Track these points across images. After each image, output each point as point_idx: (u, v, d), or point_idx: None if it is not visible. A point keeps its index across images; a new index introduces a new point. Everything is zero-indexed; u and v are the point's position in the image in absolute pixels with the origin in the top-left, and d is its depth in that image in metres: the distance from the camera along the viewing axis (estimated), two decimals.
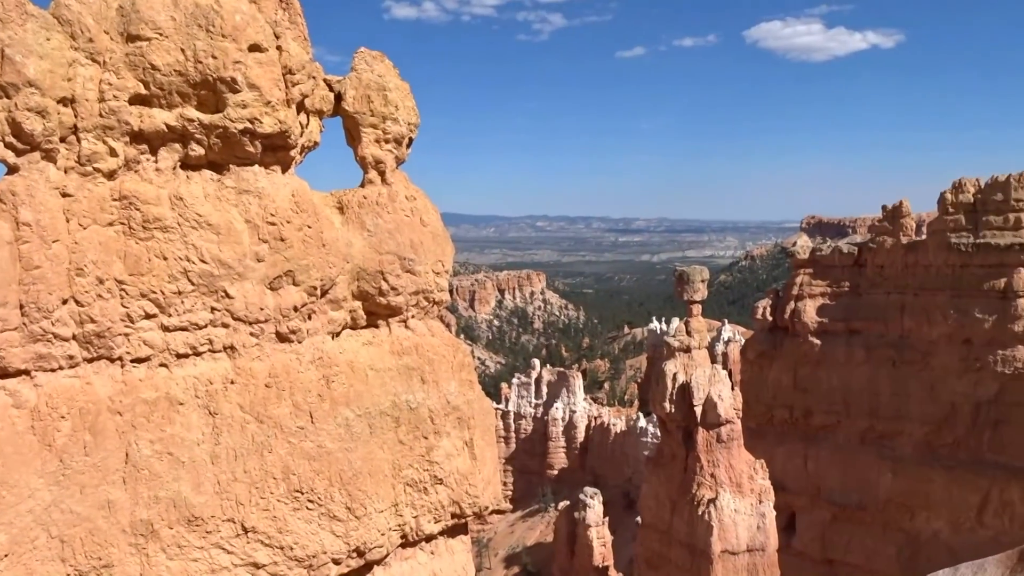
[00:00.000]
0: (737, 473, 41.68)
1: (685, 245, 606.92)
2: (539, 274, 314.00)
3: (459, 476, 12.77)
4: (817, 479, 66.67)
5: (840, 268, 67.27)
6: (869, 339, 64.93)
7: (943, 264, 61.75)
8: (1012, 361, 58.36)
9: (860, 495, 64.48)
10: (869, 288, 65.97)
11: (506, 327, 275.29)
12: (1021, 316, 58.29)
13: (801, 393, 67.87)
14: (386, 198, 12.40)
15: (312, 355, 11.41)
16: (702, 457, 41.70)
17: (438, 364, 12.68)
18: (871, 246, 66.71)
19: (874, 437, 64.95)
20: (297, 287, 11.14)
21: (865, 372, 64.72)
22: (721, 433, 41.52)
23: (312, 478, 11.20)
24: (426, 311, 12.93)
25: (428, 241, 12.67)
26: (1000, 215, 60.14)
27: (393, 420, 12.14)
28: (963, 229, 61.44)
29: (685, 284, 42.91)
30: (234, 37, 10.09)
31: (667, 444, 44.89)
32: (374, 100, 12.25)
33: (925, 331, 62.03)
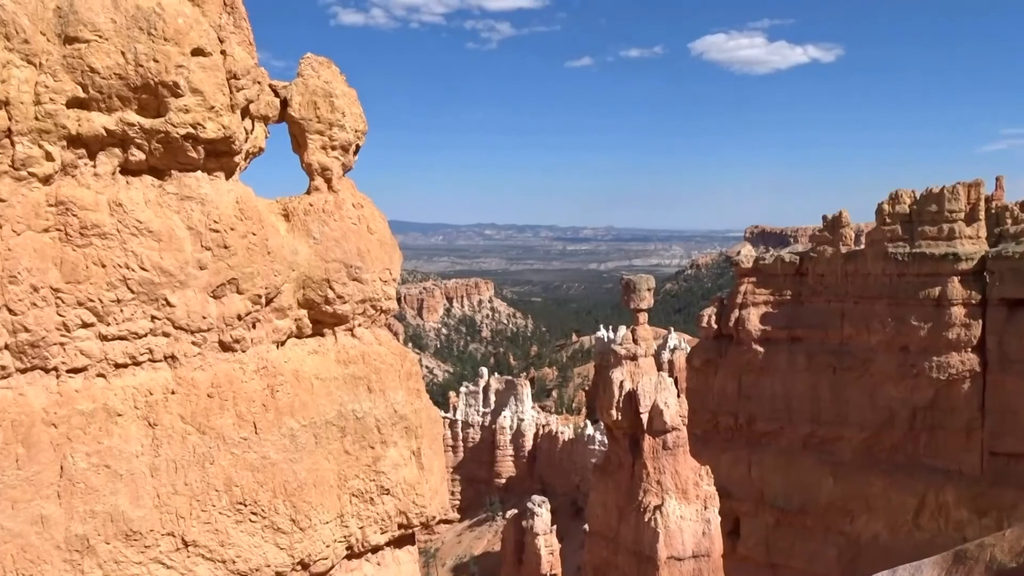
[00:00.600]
0: (683, 480, 42.15)
1: (632, 254, 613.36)
2: (487, 282, 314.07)
3: (406, 486, 12.67)
4: (761, 484, 67.82)
5: (782, 277, 68.72)
6: (811, 346, 66.40)
7: (881, 273, 63.50)
8: (946, 368, 60.20)
9: (802, 500, 65.77)
10: (810, 296, 67.51)
11: (454, 335, 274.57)
12: (955, 324, 60.19)
13: (745, 400, 69.06)
14: (333, 205, 12.28)
15: (256, 364, 11.21)
16: (648, 464, 42.08)
17: (385, 373, 12.58)
18: (812, 255, 68.32)
19: (815, 443, 66.36)
20: (241, 295, 10.95)
21: (807, 379, 66.14)
22: (667, 440, 41.96)
23: (256, 490, 10.99)
24: (373, 319, 12.83)
25: (375, 249, 12.58)
26: (935, 226, 62.09)
27: (339, 430, 12.00)
28: (900, 239, 63.28)
29: (632, 293, 43.35)
30: (176, 41, 9.90)
31: (614, 451, 45.20)
32: (320, 106, 12.14)
33: (864, 338, 63.67)
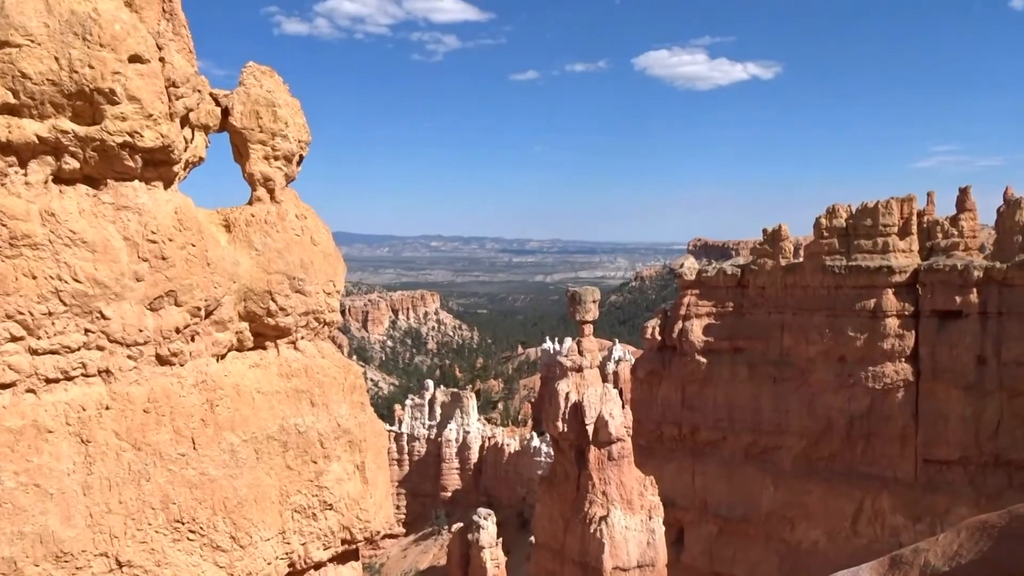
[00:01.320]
0: (628, 490, 42.43)
1: (578, 266, 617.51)
2: (433, 294, 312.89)
3: (350, 501, 12.49)
4: (704, 494, 68.71)
5: (724, 289, 69.95)
6: (752, 357, 67.65)
7: (819, 285, 65.09)
8: (882, 377, 61.90)
9: (744, 508, 66.82)
10: (751, 308, 68.83)
11: (400, 348, 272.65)
12: (889, 335, 61.95)
13: (689, 410, 69.98)
14: (275, 216, 12.10)
15: (195, 378, 10.95)
16: (594, 475, 42.27)
17: (328, 386, 12.41)
18: (753, 268, 69.72)
19: (757, 452, 67.53)
20: (179, 308, 10.69)
21: (748, 389, 67.34)
22: (612, 451, 42.22)
23: (194, 507, 10.72)
24: (316, 332, 12.65)
25: (319, 261, 12.43)
26: (870, 239, 63.91)
27: (281, 445, 11.78)
28: (837, 252, 64.97)
29: (577, 304, 43.61)
30: (113, 47, 9.67)
31: (560, 463, 45.31)
32: (263, 116, 11.96)
33: (803, 349, 65.12)
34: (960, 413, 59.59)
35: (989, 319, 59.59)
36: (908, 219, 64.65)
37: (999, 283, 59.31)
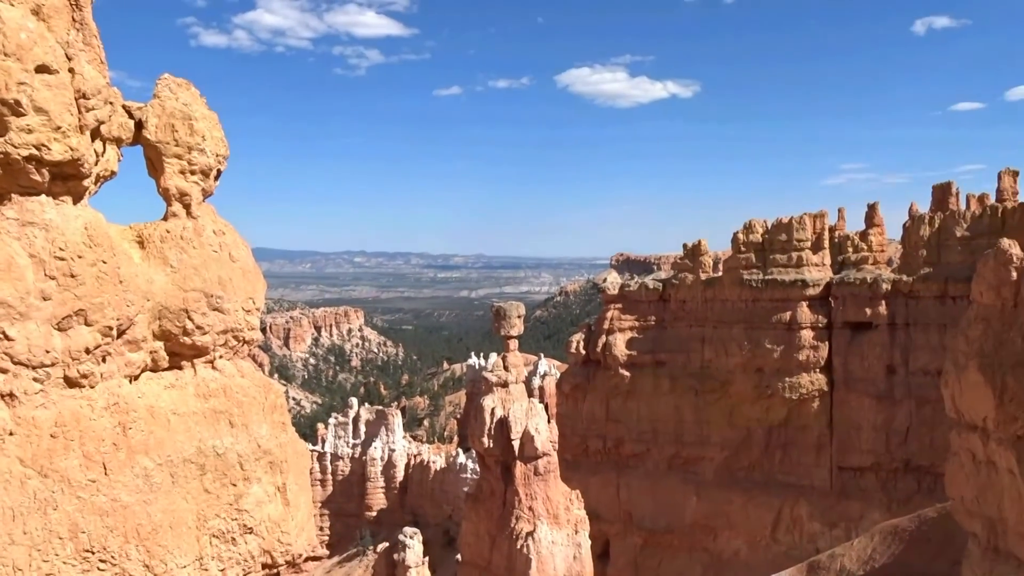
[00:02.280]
0: (554, 505, 42.54)
1: (502, 281, 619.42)
2: (357, 311, 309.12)
3: (271, 523, 12.18)
4: (629, 506, 69.44)
5: (647, 303, 71.13)
6: (674, 370, 68.88)
7: (737, 299, 66.81)
8: (798, 388, 63.79)
9: (668, 519, 67.76)
10: (673, 322, 70.14)
11: (323, 365, 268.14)
12: (804, 346, 63.95)
13: (613, 424, 70.73)
14: (192, 232, 11.77)
15: (106, 401, 10.53)
16: (520, 490, 42.26)
17: (248, 406, 12.09)
18: (674, 282, 71.13)
19: (680, 463, 68.66)
20: (89, 327, 10.28)
21: (671, 401, 68.48)
22: (538, 466, 42.30)
23: (105, 535, 10.27)
24: (235, 351, 12.33)
25: (238, 277, 12.13)
26: (785, 254, 65.97)
27: (198, 468, 11.42)
28: (754, 266, 66.84)
29: (502, 320, 43.65)
30: (19, 56, 9.28)
31: (486, 479, 45.14)
32: (179, 129, 11.65)
33: (723, 361, 66.64)
34: (872, 421, 61.84)
35: (897, 330, 62.13)
36: (820, 234, 67.04)
37: (906, 295, 61.93)
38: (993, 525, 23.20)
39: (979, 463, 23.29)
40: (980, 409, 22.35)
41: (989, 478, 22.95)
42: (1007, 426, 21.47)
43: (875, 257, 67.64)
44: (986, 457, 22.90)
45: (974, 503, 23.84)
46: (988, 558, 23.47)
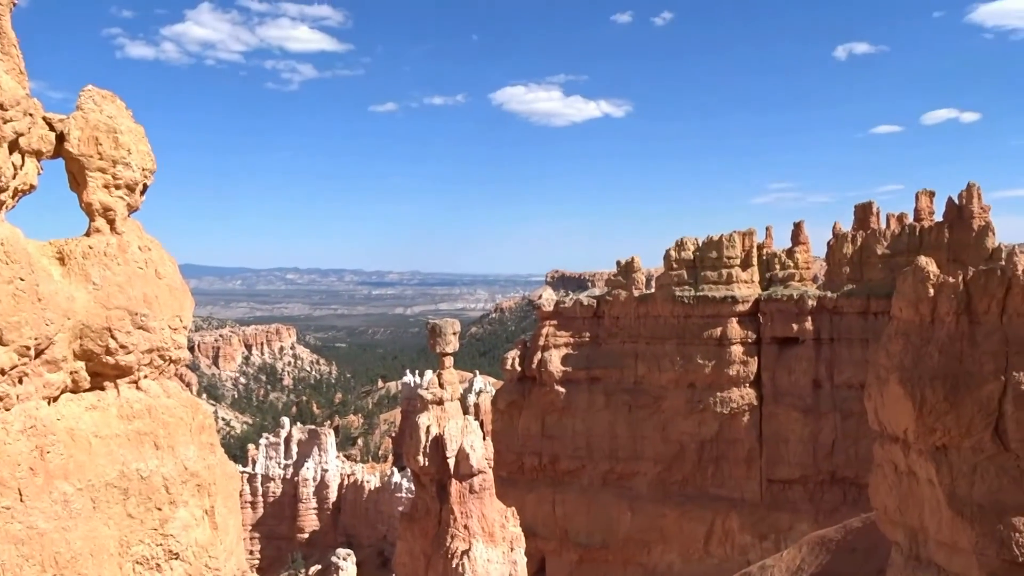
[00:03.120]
0: (490, 523, 42.34)
1: (438, 298, 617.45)
2: (289, 328, 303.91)
3: (198, 548, 11.80)
4: (565, 522, 69.58)
5: (581, 319, 71.72)
6: (608, 386, 69.50)
7: (670, 315, 67.89)
8: (728, 402, 65.04)
9: (603, 535, 68.12)
10: (607, 338, 70.86)
11: (254, 384, 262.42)
12: (734, 362, 65.29)
13: (549, 440, 70.92)
14: (116, 248, 11.41)
15: (23, 424, 10.09)
16: (455, 509, 41.96)
17: (174, 428, 11.73)
18: (608, 299, 71.94)
19: (614, 479, 69.18)
20: (5, 347, 9.85)
21: (605, 417, 69.04)
22: (474, 484, 42.09)
23: (20, 565, 9.81)
24: (161, 370, 11.97)
25: (164, 295, 11.79)
26: (715, 271, 67.39)
27: (121, 492, 11.01)
28: (686, 283, 68.09)
29: (437, 337, 43.44)
30: None
31: (421, 498, 44.71)
32: (103, 142, 11.30)
33: (656, 377, 67.54)
34: (799, 434, 63.39)
35: (823, 345, 63.95)
36: (749, 251, 68.73)
37: (830, 311, 63.84)
38: (915, 534, 23.95)
39: (901, 474, 24.05)
40: (901, 421, 23.10)
41: (910, 488, 23.70)
42: (926, 437, 22.23)
43: (801, 274, 69.60)
44: (907, 468, 23.66)
45: (896, 513, 24.57)
46: (910, 566, 24.19)
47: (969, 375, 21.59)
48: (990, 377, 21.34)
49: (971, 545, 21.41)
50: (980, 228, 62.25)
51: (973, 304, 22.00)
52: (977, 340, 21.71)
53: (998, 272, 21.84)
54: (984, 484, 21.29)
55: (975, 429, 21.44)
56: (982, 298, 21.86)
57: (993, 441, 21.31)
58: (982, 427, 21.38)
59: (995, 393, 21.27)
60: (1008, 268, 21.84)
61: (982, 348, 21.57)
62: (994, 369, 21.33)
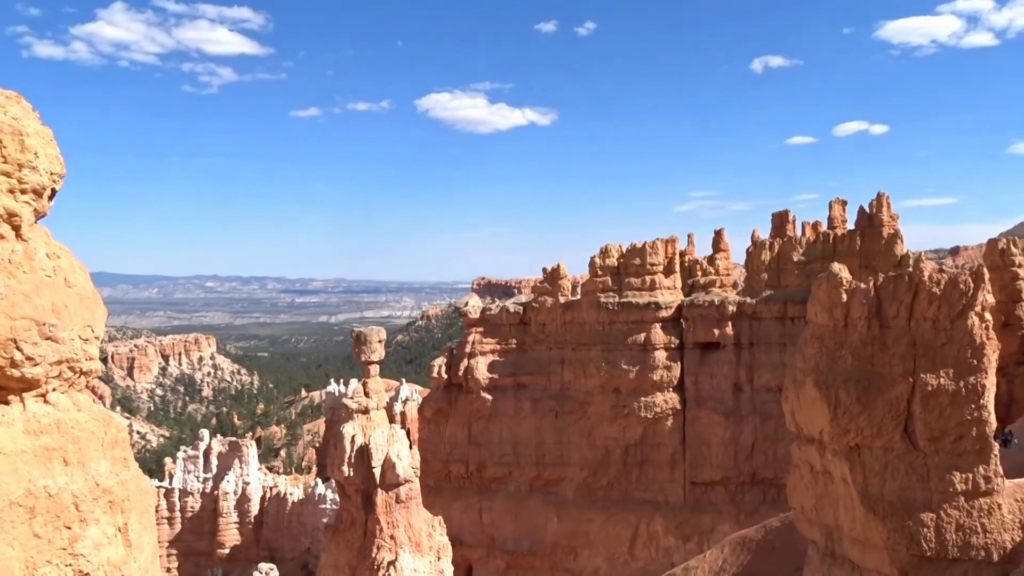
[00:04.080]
0: (416, 532, 41.99)
1: (363, 306, 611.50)
2: (209, 337, 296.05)
3: (110, 567, 11.34)
4: (492, 530, 69.54)
5: (508, 326, 71.92)
6: (535, 392, 69.84)
7: (595, 321, 68.65)
8: (652, 406, 66.08)
9: (531, 541, 68.33)
10: (533, 344, 71.21)
11: (171, 396, 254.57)
12: (658, 367, 66.40)
13: (476, 447, 70.82)
14: (21, 256, 10.90)
15: None
16: (381, 519, 41.47)
17: (85, 442, 11.27)
18: (534, 306, 72.34)
19: (541, 484, 69.49)
20: None
21: (532, 423, 69.32)
22: (400, 493, 41.68)
23: None
24: (71, 383, 11.48)
25: (74, 304, 11.32)
26: (639, 277, 68.47)
27: (27, 511, 10.50)
28: (610, 290, 68.97)
29: (363, 345, 42.90)
30: None
31: (346, 509, 44.03)
32: (8, 145, 10.80)
33: (582, 382, 68.17)
34: (721, 437, 64.84)
35: (743, 350, 65.61)
36: (672, 258, 70.08)
37: (750, 316, 65.56)
38: (830, 532, 24.72)
39: (817, 474, 24.80)
40: (817, 423, 23.83)
41: (826, 487, 24.46)
42: (841, 438, 22.98)
43: (722, 280, 71.32)
44: (823, 468, 24.41)
45: (813, 511, 25.33)
46: (826, 563, 24.95)
47: (880, 377, 22.43)
48: (899, 379, 22.20)
49: (883, 541, 22.21)
50: (889, 236, 64.91)
51: (883, 309, 22.86)
52: (887, 343, 22.56)
53: (906, 278, 22.75)
54: (894, 482, 22.13)
55: (886, 429, 22.26)
56: (891, 303, 22.73)
57: (903, 440, 22.17)
58: (892, 427, 22.22)
59: (904, 394, 22.15)
60: (915, 274, 22.77)
61: (891, 351, 22.43)
62: (903, 371, 22.20)
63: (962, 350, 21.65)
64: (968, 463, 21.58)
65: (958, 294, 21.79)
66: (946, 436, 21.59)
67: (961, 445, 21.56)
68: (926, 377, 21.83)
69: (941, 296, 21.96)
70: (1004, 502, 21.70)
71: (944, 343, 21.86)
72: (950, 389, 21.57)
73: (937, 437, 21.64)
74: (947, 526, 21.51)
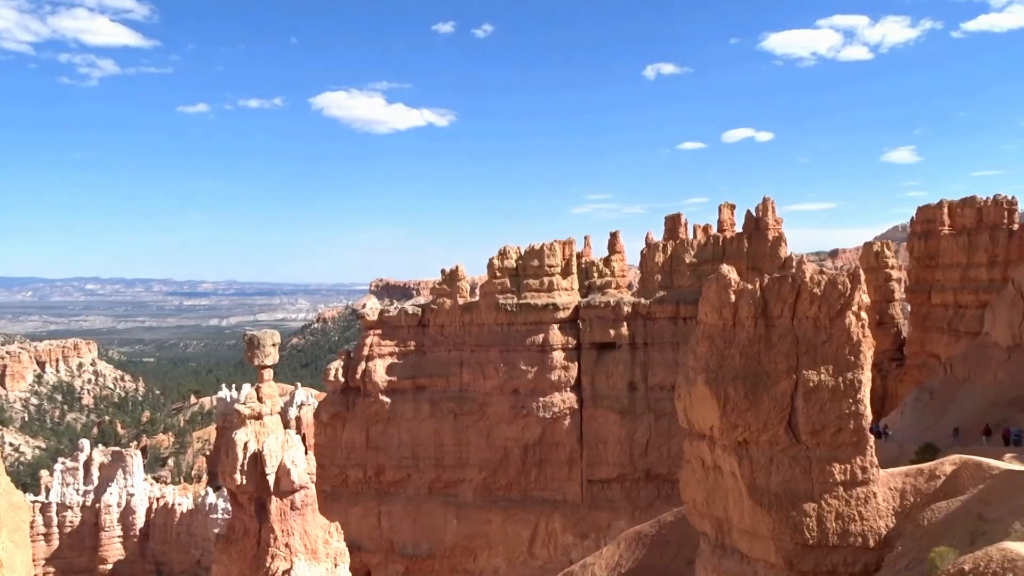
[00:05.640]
0: (312, 539, 41.07)
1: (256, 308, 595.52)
2: (89, 343, 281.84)
3: None
4: (391, 534, 68.77)
5: (406, 328, 71.28)
6: (434, 394, 69.46)
7: (494, 323, 68.86)
8: (551, 406, 66.77)
9: (430, 544, 67.91)
10: (432, 346, 70.80)
11: (47, 405, 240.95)
12: (556, 367, 67.14)
13: (374, 451, 69.84)
14: None
15: None
16: (276, 527, 40.37)
17: None
18: (433, 307, 71.94)
19: (440, 487, 69.15)
20: None
21: (431, 425, 68.92)
22: (295, 500, 40.67)
23: None
24: None
25: None
26: (537, 279, 69.10)
27: None
28: (509, 291, 69.33)
29: (256, 348, 41.65)
30: None
31: (239, 518, 42.66)
32: None
33: (481, 384, 68.25)
34: (617, 435, 66.12)
35: (637, 349, 67.11)
36: (569, 260, 71.02)
37: (644, 317, 67.13)
38: (720, 524, 25.55)
39: (707, 468, 25.60)
40: (707, 419, 24.60)
41: (716, 481, 25.28)
42: (730, 433, 23.80)
43: (617, 282, 72.76)
44: (713, 462, 25.22)
45: (704, 505, 26.13)
46: (717, 554, 25.78)
47: (766, 374, 23.34)
48: (783, 375, 23.16)
49: (769, 531, 23.12)
50: (775, 239, 67.71)
51: (769, 309, 23.80)
52: (772, 341, 23.50)
53: (789, 279, 23.76)
54: (779, 474, 23.07)
55: (771, 424, 23.19)
56: (776, 303, 23.69)
57: (787, 434, 23.13)
58: (777, 422, 23.16)
59: (788, 390, 23.12)
60: (797, 275, 23.81)
61: (776, 349, 23.38)
62: (787, 368, 23.17)
63: (840, 347, 22.76)
64: (847, 455, 22.69)
65: (837, 294, 22.89)
66: (826, 429, 22.64)
67: (840, 438, 22.65)
68: (808, 373, 22.84)
69: (821, 296, 23.02)
70: (879, 491, 22.93)
71: (824, 341, 22.92)
72: (830, 385, 22.63)
73: (818, 430, 22.67)
74: (828, 515, 22.57)
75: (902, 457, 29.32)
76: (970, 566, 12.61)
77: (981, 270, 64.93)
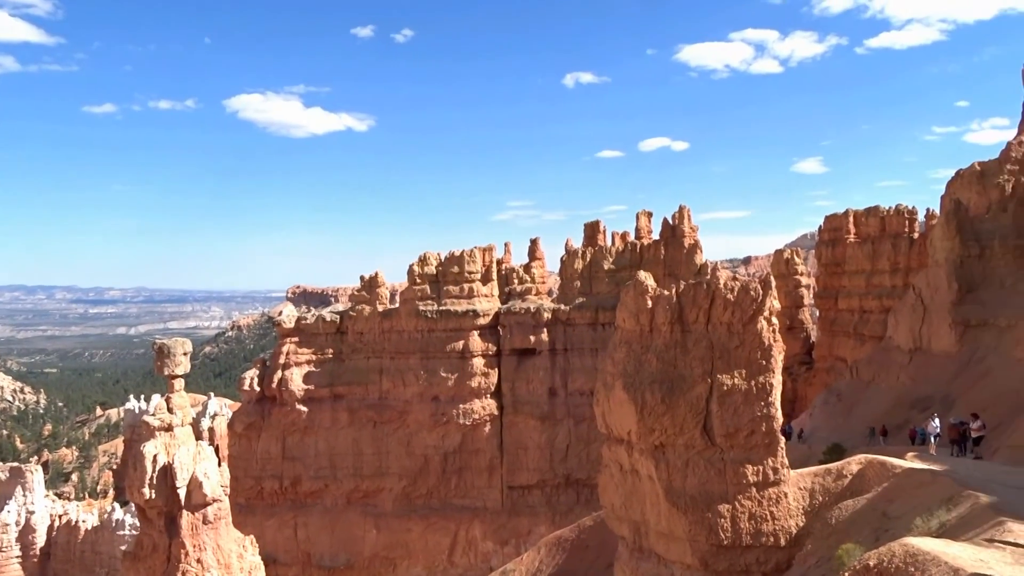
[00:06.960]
0: (226, 554, 39.90)
1: (167, 316, 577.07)
2: None
3: None
4: (308, 546, 67.40)
5: (324, 336, 70.12)
6: (352, 402, 68.50)
7: (414, 329, 68.38)
8: (471, 413, 66.67)
9: (349, 555, 66.83)
10: (351, 354, 69.84)
11: None
12: (476, 374, 67.10)
13: (290, 462, 68.39)
14: None
15: None
16: (187, 542, 39.06)
17: None
18: (351, 314, 70.99)
19: (359, 496, 68.17)
20: None
21: (350, 434, 67.93)
22: (208, 514, 39.46)
23: None
24: None
25: None
26: (457, 285, 68.97)
27: None
28: (429, 298, 68.98)
29: (166, 358, 40.30)
30: None
31: (147, 534, 41.12)
32: None
33: (401, 391, 67.65)
34: (537, 441, 66.46)
35: (557, 355, 67.65)
36: (489, 267, 71.15)
37: (564, 323, 67.74)
38: (638, 527, 25.87)
39: (626, 472, 25.89)
40: (625, 423, 24.89)
41: (634, 485, 25.59)
42: (647, 437, 24.13)
43: (537, 288, 73.25)
44: (631, 466, 25.53)
45: (622, 509, 26.41)
46: (635, 558, 26.09)
47: (682, 379, 23.76)
48: (699, 380, 23.62)
49: (685, 533, 23.51)
50: (690, 246, 69.28)
51: (684, 314, 24.25)
52: (688, 347, 23.95)
53: (704, 286, 24.26)
54: (695, 477, 23.49)
55: (687, 427, 23.60)
56: (691, 309, 24.16)
57: (702, 437, 23.58)
58: (693, 425, 23.59)
59: (703, 394, 23.58)
60: (712, 282, 24.34)
61: (692, 354, 23.83)
62: (702, 372, 23.64)
63: (753, 352, 23.34)
64: (759, 456, 23.27)
65: (749, 300, 23.48)
66: (740, 432, 23.17)
67: (753, 440, 23.21)
68: (722, 377, 23.35)
69: (735, 302, 23.59)
70: (790, 491, 23.59)
71: (737, 346, 23.48)
72: (743, 388, 23.18)
73: (732, 433, 23.18)
74: (741, 515, 23.08)
75: (811, 457, 30.29)
76: (875, 562, 13.08)
77: (884, 276, 67.83)
